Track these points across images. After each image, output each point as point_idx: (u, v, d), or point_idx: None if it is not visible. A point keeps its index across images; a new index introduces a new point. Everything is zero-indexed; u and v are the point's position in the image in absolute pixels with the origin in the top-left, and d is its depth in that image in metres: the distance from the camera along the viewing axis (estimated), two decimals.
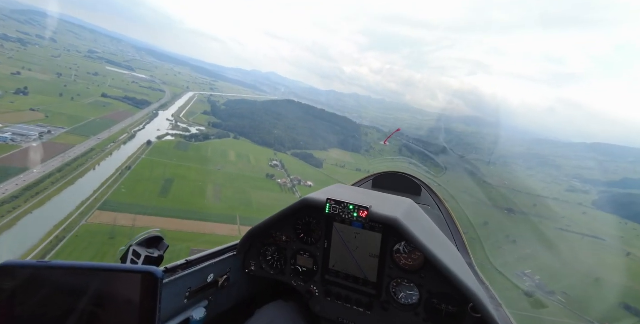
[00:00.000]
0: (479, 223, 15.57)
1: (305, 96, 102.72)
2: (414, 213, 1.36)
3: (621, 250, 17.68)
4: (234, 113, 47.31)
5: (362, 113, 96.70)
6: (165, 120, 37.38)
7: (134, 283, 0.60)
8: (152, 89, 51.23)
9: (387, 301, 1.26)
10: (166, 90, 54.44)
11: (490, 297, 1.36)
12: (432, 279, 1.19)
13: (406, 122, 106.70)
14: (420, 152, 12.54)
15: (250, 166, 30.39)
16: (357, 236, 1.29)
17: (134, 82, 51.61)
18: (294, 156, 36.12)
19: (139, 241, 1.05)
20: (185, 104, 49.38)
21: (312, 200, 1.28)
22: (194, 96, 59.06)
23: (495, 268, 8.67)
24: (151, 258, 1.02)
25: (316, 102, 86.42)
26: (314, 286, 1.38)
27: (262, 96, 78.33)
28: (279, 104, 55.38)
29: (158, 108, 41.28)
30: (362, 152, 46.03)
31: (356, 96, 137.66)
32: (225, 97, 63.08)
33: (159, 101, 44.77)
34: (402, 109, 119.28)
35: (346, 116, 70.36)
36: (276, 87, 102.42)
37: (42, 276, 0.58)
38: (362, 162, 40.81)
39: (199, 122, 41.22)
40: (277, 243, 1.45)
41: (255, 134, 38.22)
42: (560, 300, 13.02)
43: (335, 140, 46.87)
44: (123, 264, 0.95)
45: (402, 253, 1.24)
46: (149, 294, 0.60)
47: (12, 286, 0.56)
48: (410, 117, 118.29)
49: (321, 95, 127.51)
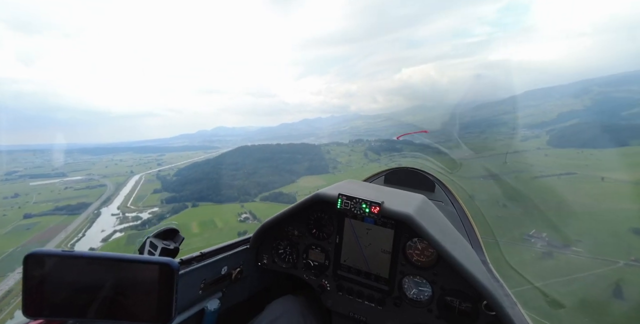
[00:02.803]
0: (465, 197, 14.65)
1: (259, 137, 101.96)
2: (427, 209, 1.32)
3: (594, 177, 17.67)
4: (188, 180, 44.13)
5: (318, 134, 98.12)
6: (110, 216, 33.09)
7: (152, 273, 0.63)
8: (91, 188, 46.63)
9: (399, 297, 1.24)
10: (107, 183, 49.95)
11: (505, 295, 1.31)
12: (445, 276, 1.16)
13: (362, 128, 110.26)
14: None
15: (217, 230, 27.08)
16: (369, 231, 1.28)
17: (67, 188, 46.63)
18: (262, 200, 33.41)
19: (155, 233, 1.06)
20: (131, 190, 45.24)
21: (323, 195, 1.27)
22: (140, 178, 54.94)
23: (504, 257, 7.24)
24: (167, 249, 1.02)
25: (271, 139, 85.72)
26: (325, 281, 1.38)
27: (214, 152, 75.81)
28: (232, 155, 53.18)
29: (100, 206, 36.86)
30: (330, 171, 44.60)
31: (307, 121, 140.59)
32: (175, 168, 59.61)
33: (99, 198, 40.31)
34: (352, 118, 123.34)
35: (303, 141, 69.89)
36: (227, 140, 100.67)
37: (68, 265, 0.61)
38: (335, 180, 39.09)
39: (150, 204, 37.35)
40: (289, 237, 1.46)
41: (214, 193, 35.18)
42: (578, 251, 11.76)
43: (301, 168, 45.17)
44: (141, 255, 0.90)
45: (414, 249, 1.22)
46: (166, 285, 0.63)
47: (41, 273, 0.59)
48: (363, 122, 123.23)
49: (274, 131, 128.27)
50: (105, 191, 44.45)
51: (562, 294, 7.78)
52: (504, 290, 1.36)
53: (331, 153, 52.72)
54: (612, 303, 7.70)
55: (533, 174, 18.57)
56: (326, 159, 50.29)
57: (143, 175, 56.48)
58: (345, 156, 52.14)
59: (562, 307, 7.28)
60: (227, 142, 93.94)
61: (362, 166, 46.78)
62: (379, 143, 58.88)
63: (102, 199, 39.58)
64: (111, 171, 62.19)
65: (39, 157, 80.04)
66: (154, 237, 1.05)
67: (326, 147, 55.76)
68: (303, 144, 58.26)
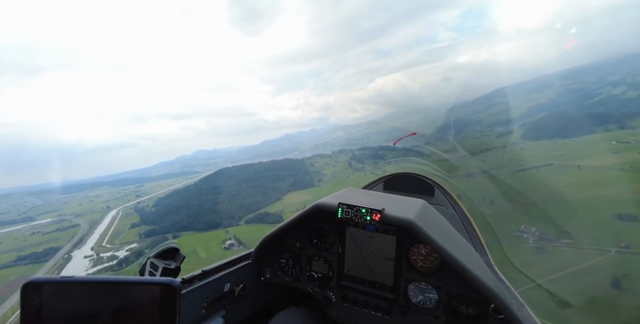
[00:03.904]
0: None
1: (241, 157, 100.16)
2: (428, 214, 1.32)
3: (570, 166, 18.05)
4: (167, 210, 41.92)
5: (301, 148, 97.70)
6: (82, 259, 30.37)
7: (153, 294, 0.61)
8: (62, 230, 43.24)
9: (405, 304, 1.23)
10: (81, 222, 46.66)
11: (512, 297, 1.28)
12: (450, 281, 1.16)
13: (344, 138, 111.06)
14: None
15: (200, 261, 25.26)
16: (371, 239, 1.27)
17: (34, 233, 42.94)
18: (248, 223, 31.93)
19: (155, 253, 1.04)
20: (107, 227, 42.37)
21: (323, 205, 1.27)
22: (117, 213, 51.86)
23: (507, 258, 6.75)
24: (168, 269, 1.01)
25: (254, 157, 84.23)
26: (330, 292, 1.37)
27: (195, 177, 73.29)
28: (212, 178, 51.37)
29: (71, 249, 33.92)
30: (316, 184, 43.85)
31: (288, 136, 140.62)
32: (154, 198, 56.82)
33: (71, 239, 37.26)
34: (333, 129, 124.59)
35: (286, 157, 69.00)
36: (208, 163, 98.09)
37: (66, 291, 0.59)
38: (321, 193, 38.38)
39: (128, 240, 34.86)
40: (291, 249, 1.44)
41: (196, 221, 33.35)
42: (568, 242, 11.60)
43: (286, 185, 44.08)
44: (142, 277, 0.93)
45: (418, 255, 1.21)
46: (168, 305, 0.61)
47: (39, 301, 0.57)
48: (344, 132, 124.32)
49: (256, 149, 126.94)
50: (78, 231, 41.22)
51: (566, 293, 7.33)
52: (511, 292, 1.33)
53: (315, 166, 52.13)
54: (615, 297, 7.29)
55: (514, 169, 18.71)
56: (311, 172, 49.60)
57: (120, 209, 53.26)
58: (330, 168, 51.68)
59: (569, 306, 6.78)
60: (208, 166, 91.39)
61: (347, 176, 46.36)
62: (361, 151, 59.09)
63: (74, 241, 36.52)
64: (85, 208, 58.33)
65: (3, 202, 74.33)
66: (155, 258, 1.02)
67: (310, 161, 55.19)
68: (286, 160, 57.48)
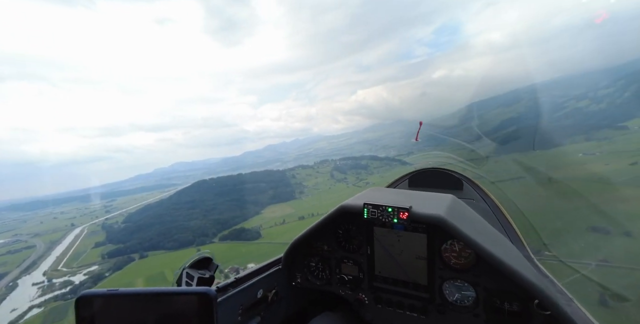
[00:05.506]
0: None
1: (222, 169, 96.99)
2: (458, 209, 1.27)
3: (542, 179, 18.28)
4: (138, 226, 38.92)
5: (284, 159, 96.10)
6: (30, 287, 26.92)
7: (191, 304, 0.63)
8: (13, 252, 38.97)
9: (442, 303, 1.18)
10: (37, 242, 42.38)
11: (558, 291, 1.23)
12: (487, 277, 1.11)
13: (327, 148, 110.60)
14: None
15: (167, 284, 23.01)
16: (400, 239, 1.24)
17: None
18: (222, 240, 29.93)
19: (190, 263, 1.07)
20: (67, 248, 38.58)
21: (348, 206, 1.26)
22: (81, 231, 47.79)
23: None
24: (203, 278, 1.04)
25: (235, 169, 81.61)
26: (362, 294, 1.35)
27: (172, 190, 69.66)
28: (188, 192, 48.76)
29: (19, 275, 30.20)
30: (297, 196, 42.57)
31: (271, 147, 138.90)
32: (125, 213, 53.07)
33: (21, 264, 33.38)
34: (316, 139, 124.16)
35: (268, 168, 67.28)
36: (187, 175, 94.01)
37: (114, 303, 0.63)
38: (303, 206, 37.06)
39: (88, 261, 31.63)
40: (320, 252, 1.44)
41: (166, 239, 30.89)
42: (551, 255, 11.24)
43: (266, 198, 42.44)
44: (179, 287, 0.94)
45: (451, 252, 1.17)
46: (206, 314, 0.63)
47: (91, 313, 0.62)
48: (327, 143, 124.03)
49: (238, 161, 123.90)
50: (32, 253, 37.17)
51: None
52: (556, 286, 1.27)
53: (297, 177, 50.91)
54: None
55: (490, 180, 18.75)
56: (292, 184, 48.28)
57: (86, 227, 49.08)
58: (312, 179, 50.62)
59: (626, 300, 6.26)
60: (187, 178, 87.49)
61: (329, 188, 45.43)
62: (344, 161, 58.62)
63: (25, 265, 32.67)
64: (47, 227, 53.36)
65: None
66: (190, 268, 1.05)
67: (291, 172, 53.94)
68: (267, 171, 55.87)
